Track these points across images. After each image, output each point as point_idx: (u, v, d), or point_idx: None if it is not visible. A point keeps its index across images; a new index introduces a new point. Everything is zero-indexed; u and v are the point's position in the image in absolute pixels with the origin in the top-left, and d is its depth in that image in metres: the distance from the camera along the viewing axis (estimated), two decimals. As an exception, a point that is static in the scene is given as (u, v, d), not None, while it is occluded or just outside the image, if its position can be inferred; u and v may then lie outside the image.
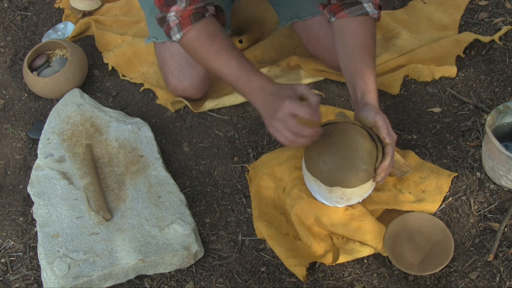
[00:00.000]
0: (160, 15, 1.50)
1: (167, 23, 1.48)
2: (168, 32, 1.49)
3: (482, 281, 1.38)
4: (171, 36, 1.49)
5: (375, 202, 1.50)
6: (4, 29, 2.12)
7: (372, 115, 1.38)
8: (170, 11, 1.45)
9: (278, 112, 1.30)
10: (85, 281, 1.44)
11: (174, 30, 1.48)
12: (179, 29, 1.47)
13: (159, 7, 1.47)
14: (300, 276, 1.43)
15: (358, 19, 1.48)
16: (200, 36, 1.46)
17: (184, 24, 1.46)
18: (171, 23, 1.47)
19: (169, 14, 1.46)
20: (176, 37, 1.49)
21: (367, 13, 1.48)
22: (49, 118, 1.76)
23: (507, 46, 1.77)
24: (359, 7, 1.48)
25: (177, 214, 1.55)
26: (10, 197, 1.70)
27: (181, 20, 1.46)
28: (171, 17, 1.46)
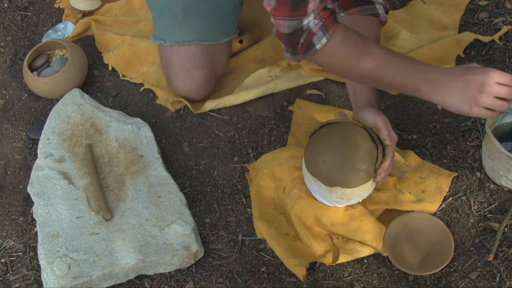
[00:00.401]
0: (290, 29, 1.23)
1: (307, 32, 1.23)
2: (309, 41, 1.24)
3: (482, 281, 1.38)
4: (312, 46, 1.24)
5: (375, 202, 1.50)
6: (4, 29, 2.12)
7: (373, 116, 1.38)
8: (308, 13, 1.20)
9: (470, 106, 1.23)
10: (85, 281, 1.44)
11: (319, 35, 1.23)
12: (325, 32, 1.23)
13: (288, 16, 1.21)
14: (300, 276, 1.43)
15: (369, 18, 1.47)
16: (347, 37, 1.26)
17: (328, 25, 1.23)
18: (314, 28, 1.22)
19: (308, 19, 1.21)
20: (321, 43, 1.24)
21: (378, 14, 1.48)
22: (49, 118, 1.76)
23: (507, 46, 1.77)
24: (372, 7, 1.47)
25: (177, 214, 1.55)
26: (10, 197, 1.70)
27: (324, 21, 1.23)
28: (311, 22, 1.22)
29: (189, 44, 1.71)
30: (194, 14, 1.70)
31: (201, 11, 1.70)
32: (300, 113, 1.73)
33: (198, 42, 1.71)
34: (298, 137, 1.69)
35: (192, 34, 1.71)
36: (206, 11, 1.70)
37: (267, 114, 1.77)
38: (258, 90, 1.79)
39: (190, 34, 1.71)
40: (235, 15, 1.78)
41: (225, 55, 1.80)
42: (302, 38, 1.24)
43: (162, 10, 1.72)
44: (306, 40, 1.24)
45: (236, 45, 1.92)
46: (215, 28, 1.73)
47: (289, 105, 1.78)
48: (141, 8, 2.11)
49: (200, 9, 1.69)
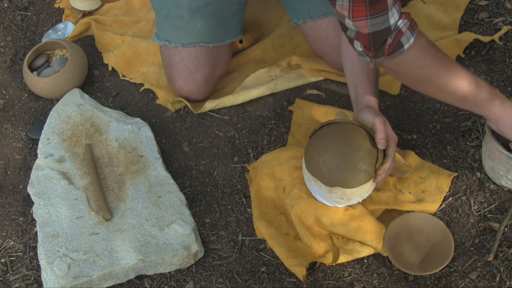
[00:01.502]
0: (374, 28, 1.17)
1: (396, 32, 1.18)
2: (398, 41, 1.20)
3: (482, 281, 1.38)
4: (401, 46, 1.20)
5: (375, 202, 1.50)
6: (4, 29, 2.12)
7: (371, 117, 1.38)
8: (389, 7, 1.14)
9: None
10: (85, 281, 1.44)
11: (407, 35, 1.19)
12: (412, 32, 1.20)
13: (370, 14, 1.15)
14: (300, 276, 1.43)
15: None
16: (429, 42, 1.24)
17: (414, 26, 1.20)
18: (403, 28, 1.18)
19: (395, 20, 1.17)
20: (409, 43, 1.20)
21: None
22: (49, 118, 1.76)
23: (507, 46, 1.77)
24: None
25: (177, 214, 1.55)
26: (10, 197, 1.70)
27: (411, 21, 1.20)
28: (400, 21, 1.18)
29: (194, 45, 1.71)
30: (200, 17, 1.70)
31: (206, 13, 1.70)
32: (300, 113, 1.73)
33: (203, 44, 1.72)
34: (298, 137, 1.69)
35: (197, 36, 1.71)
36: (212, 13, 1.70)
37: (267, 114, 1.77)
38: (258, 90, 1.79)
39: (195, 36, 1.71)
40: (239, 17, 1.78)
41: (227, 55, 1.80)
42: (390, 38, 1.19)
43: (168, 11, 1.72)
44: (395, 40, 1.20)
45: (236, 45, 1.92)
46: (220, 30, 1.74)
47: (289, 105, 1.78)
48: (141, 8, 2.11)
49: (205, 11, 1.70)
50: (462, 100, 1.30)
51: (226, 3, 1.71)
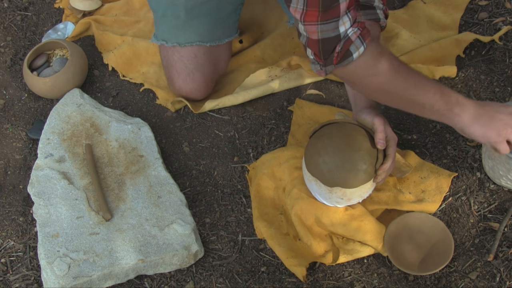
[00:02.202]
0: (323, 34, 1.17)
1: (345, 40, 1.18)
2: (347, 49, 1.19)
3: (482, 281, 1.38)
4: (349, 54, 1.19)
5: (375, 202, 1.50)
6: (4, 29, 2.12)
7: (371, 117, 1.38)
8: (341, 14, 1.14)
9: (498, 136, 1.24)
10: (85, 281, 1.44)
11: (357, 44, 1.18)
12: (363, 41, 1.18)
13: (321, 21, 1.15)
14: (300, 276, 1.43)
15: (369, 23, 1.49)
16: (383, 50, 1.23)
17: (365, 35, 1.19)
18: (352, 36, 1.18)
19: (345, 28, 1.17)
20: (358, 52, 1.19)
21: (379, 19, 1.49)
22: (49, 118, 1.76)
23: (507, 46, 1.77)
24: (373, 12, 1.48)
25: (177, 214, 1.55)
26: (10, 197, 1.70)
27: (362, 30, 1.19)
28: (349, 30, 1.17)
29: (191, 45, 1.72)
30: (196, 16, 1.70)
31: (203, 13, 1.70)
32: (300, 113, 1.73)
33: (200, 43, 1.72)
34: (298, 137, 1.69)
35: (194, 35, 1.71)
36: (208, 12, 1.70)
37: (267, 114, 1.77)
38: (258, 90, 1.79)
39: (192, 35, 1.71)
40: (236, 16, 1.78)
41: (226, 55, 1.80)
42: (339, 46, 1.18)
43: (164, 11, 1.72)
44: (343, 48, 1.18)
45: (236, 45, 1.92)
46: (217, 29, 1.74)
47: (289, 105, 1.78)
48: (141, 8, 2.11)
49: (202, 10, 1.70)
50: (421, 108, 1.26)
51: (222, 2, 1.71)
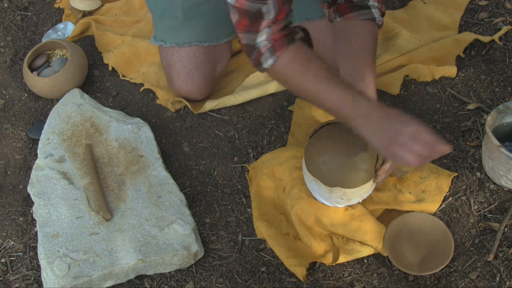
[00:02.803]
0: (247, 41, 1.33)
1: (257, 50, 1.32)
2: (258, 60, 1.33)
3: (482, 281, 1.38)
4: (260, 64, 1.34)
5: (375, 202, 1.50)
6: (4, 29, 2.12)
7: None
8: (261, 30, 1.29)
9: (391, 147, 1.23)
10: (85, 281, 1.44)
11: (266, 56, 1.32)
12: (273, 52, 1.31)
13: (246, 31, 1.31)
14: (300, 276, 1.43)
15: (364, 23, 1.49)
16: (295, 58, 1.32)
17: (277, 47, 1.31)
18: (262, 49, 1.31)
19: (260, 39, 1.31)
20: (268, 63, 1.32)
21: (374, 18, 1.49)
22: (49, 118, 1.76)
23: (507, 46, 1.77)
24: (367, 12, 1.48)
25: (177, 214, 1.55)
26: (10, 197, 1.70)
27: (274, 43, 1.31)
28: (261, 42, 1.31)
29: (189, 45, 1.72)
30: (193, 16, 1.70)
31: (200, 13, 1.70)
32: (300, 113, 1.73)
33: (198, 43, 1.72)
34: (298, 137, 1.69)
35: (191, 35, 1.71)
36: (206, 12, 1.70)
37: (267, 114, 1.77)
38: (258, 90, 1.79)
39: (190, 35, 1.71)
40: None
41: (226, 55, 1.80)
42: (253, 54, 1.34)
43: (162, 12, 1.72)
44: (256, 58, 1.33)
45: (236, 45, 1.92)
46: (215, 29, 1.74)
47: (289, 105, 1.78)
48: (141, 8, 2.11)
49: (199, 10, 1.70)
50: (327, 110, 1.34)
51: (219, 2, 1.71)
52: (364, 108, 1.27)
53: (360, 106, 1.27)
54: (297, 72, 1.32)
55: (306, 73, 1.32)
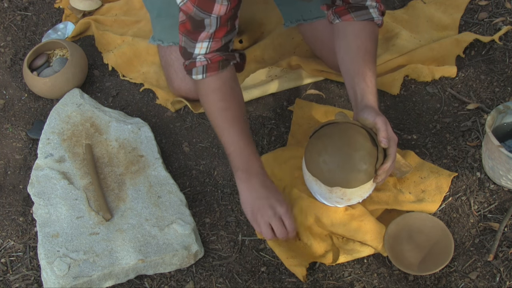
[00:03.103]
0: (185, 45, 1.44)
1: (192, 61, 1.45)
2: (190, 69, 1.46)
3: (482, 281, 1.38)
4: (191, 73, 1.46)
5: (375, 202, 1.50)
6: (4, 29, 2.12)
7: (372, 116, 1.38)
8: (199, 40, 1.41)
9: (259, 216, 1.41)
10: (85, 281, 1.44)
11: (198, 70, 1.45)
12: (204, 71, 1.44)
13: (186, 34, 1.43)
14: (300, 276, 1.43)
15: (363, 23, 1.49)
16: (222, 87, 1.45)
17: (210, 68, 1.44)
18: (197, 63, 1.44)
19: (198, 52, 1.43)
20: (197, 77, 1.45)
21: (372, 18, 1.49)
22: (49, 118, 1.76)
23: (507, 46, 1.77)
24: (365, 12, 1.49)
25: (177, 214, 1.55)
26: (10, 197, 1.70)
27: (209, 63, 1.43)
28: (199, 56, 1.43)
29: None
30: None
31: None
32: (300, 113, 1.73)
33: None
34: (298, 137, 1.69)
35: None
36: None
37: (267, 114, 1.77)
38: (258, 90, 1.79)
39: None
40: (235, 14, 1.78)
41: None
42: (188, 61, 1.46)
43: (159, 11, 1.72)
44: (188, 66, 1.46)
45: (236, 45, 1.92)
46: None
47: (289, 105, 1.78)
48: (141, 8, 2.11)
49: None
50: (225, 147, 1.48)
51: None
52: (252, 168, 1.43)
53: (249, 164, 1.43)
54: (216, 103, 1.46)
55: (223, 109, 1.45)
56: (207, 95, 1.47)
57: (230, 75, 1.48)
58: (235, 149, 1.44)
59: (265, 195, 1.41)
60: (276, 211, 1.40)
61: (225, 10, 1.37)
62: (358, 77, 1.44)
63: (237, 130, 1.45)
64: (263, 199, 1.41)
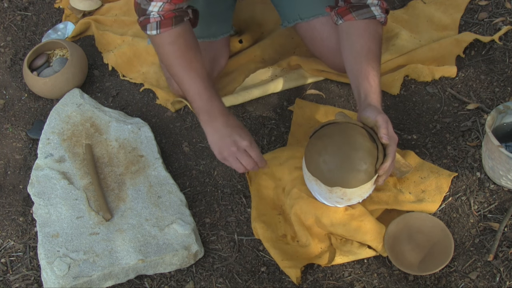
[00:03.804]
0: (140, 2, 1.48)
1: (146, 17, 1.47)
2: (145, 25, 1.48)
3: (482, 281, 1.38)
4: (145, 29, 1.49)
5: (375, 202, 1.50)
6: (4, 29, 2.12)
7: (374, 114, 1.38)
8: (155, 0, 1.44)
9: (225, 154, 1.48)
10: (85, 281, 1.44)
11: (152, 26, 1.47)
12: (158, 27, 1.47)
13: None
14: (293, 278, 1.43)
15: (365, 22, 1.49)
16: (177, 41, 1.48)
17: (164, 24, 1.46)
18: (151, 19, 1.46)
19: (152, 9, 1.45)
20: (151, 33, 1.48)
21: (374, 16, 1.49)
22: (49, 118, 1.76)
23: (507, 46, 1.77)
24: (367, 11, 1.48)
25: (177, 214, 1.55)
26: (10, 197, 1.70)
27: (162, 19, 1.46)
28: (153, 13, 1.46)
29: None
30: None
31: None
32: (300, 113, 1.73)
33: None
34: (298, 137, 1.69)
35: None
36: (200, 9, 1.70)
37: (267, 114, 1.77)
38: (258, 90, 1.79)
39: None
40: (229, 12, 1.79)
41: (223, 52, 1.79)
42: (142, 17, 1.48)
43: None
44: (143, 22, 1.48)
45: (236, 45, 1.92)
46: (210, 26, 1.74)
47: (289, 105, 1.78)
48: (141, 8, 2.10)
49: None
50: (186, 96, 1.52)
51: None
52: (214, 109, 1.48)
53: (210, 106, 1.48)
54: (172, 54, 1.49)
55: (179, 57, 1.49)
56: (163, 47, 1.50)
57: (185, 28, 1.50)
58: (194, 94, 1.49)
59: (227, 133, 1.47)
60: (239, 146, 1.47)
61: None
62: (361, 77, 1.44)
63: (194, 76, 1.49)
64: (226, 137, 1.47)
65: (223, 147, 1.48)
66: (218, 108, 1.49)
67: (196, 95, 1.49)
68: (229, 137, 1.47)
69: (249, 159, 1.48)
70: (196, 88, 1.49)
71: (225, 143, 1.48)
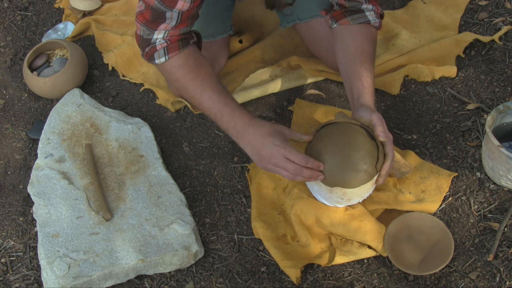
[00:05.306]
0: (142, 34, 1.46)
1: (152, 46, 1.45)
2: (152, 54, 1.46)
3: (482, 281, 1.38)
4: (153, 59, 1.47)
5: (375, 202, 1.50)
6: (4, 29, 2.12)
7: (368, 113, 1.38)
8: (158, 29, 1.42)
9: (272, 158, 1.35)
10: (85, 281, 1.44)
11: (160, 53, 1.45)
12: (166, 53, 1.45)
13: (145, 24, 1.43)
14: (293, 278, 1.43)
15: (360, 26, 1.50)
16: (186, 63, 1.46)
17: (172, 48, 1.45)
18: (158, 46, 1.45)
19: (157, 37, 1.43)
20: (159, 61, 1.46)
21: (369, 21, 1.50)
22: (49, 118, 1.76)
23: (507, 46, 1.77)
24: (361, 15, 1.49)
25: (177, 214, 1.55)
26: (10, 197, 1.70)
27: (169, 44, 1.44)
28: (158, 40, 1.44)
29: None
30: None
31: None
32: (300, 113, 1.73)
33: None
34: (298, 137, 1.69)
35: None
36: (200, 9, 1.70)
37: (267, 114, 1.77)
38: (258, 90, 1.79)
39: None
40: (228, 12, 1.79)
41: (223, 52, 1.80)
42: (148, 48, 1.47)
43: None
44: (149, 52, 1.47)
45: (236, 45, 1.92)
46: (209, 25, 1.74)
47: (289, 105, 1.78)
48: (141, 8, 2.11)
49: None
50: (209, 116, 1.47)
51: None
52: (238, 125, 1.40)
53: (236, 121, 1.41)
54: (185, 76, 1.46)
55: (193, 78, 1.45)
56: (173, 72, 1.48)
57: (192, 50, 1.48)
58: (216, 113, 1.44)
59: (259, 145, 1.37)
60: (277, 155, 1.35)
61: (187, 7, 1.39)
62: (354, 78, 1.45)
63: (210, 93, 1.44)
64: (261, 151, 1.38)
65: (263, 161, 1.38)
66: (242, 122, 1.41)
67: (218, 113, 1.44)
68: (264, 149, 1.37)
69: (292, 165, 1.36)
70: (216, 107, 1.43)
71: (262, 157, 1.38)
